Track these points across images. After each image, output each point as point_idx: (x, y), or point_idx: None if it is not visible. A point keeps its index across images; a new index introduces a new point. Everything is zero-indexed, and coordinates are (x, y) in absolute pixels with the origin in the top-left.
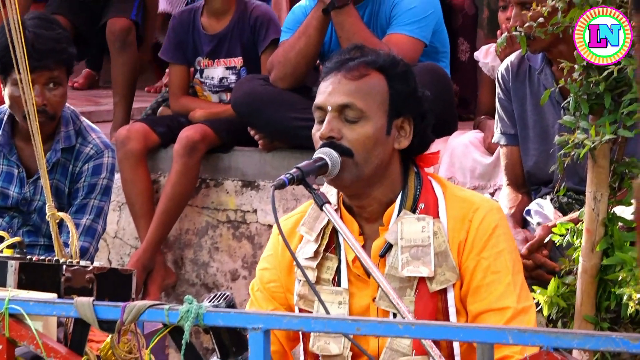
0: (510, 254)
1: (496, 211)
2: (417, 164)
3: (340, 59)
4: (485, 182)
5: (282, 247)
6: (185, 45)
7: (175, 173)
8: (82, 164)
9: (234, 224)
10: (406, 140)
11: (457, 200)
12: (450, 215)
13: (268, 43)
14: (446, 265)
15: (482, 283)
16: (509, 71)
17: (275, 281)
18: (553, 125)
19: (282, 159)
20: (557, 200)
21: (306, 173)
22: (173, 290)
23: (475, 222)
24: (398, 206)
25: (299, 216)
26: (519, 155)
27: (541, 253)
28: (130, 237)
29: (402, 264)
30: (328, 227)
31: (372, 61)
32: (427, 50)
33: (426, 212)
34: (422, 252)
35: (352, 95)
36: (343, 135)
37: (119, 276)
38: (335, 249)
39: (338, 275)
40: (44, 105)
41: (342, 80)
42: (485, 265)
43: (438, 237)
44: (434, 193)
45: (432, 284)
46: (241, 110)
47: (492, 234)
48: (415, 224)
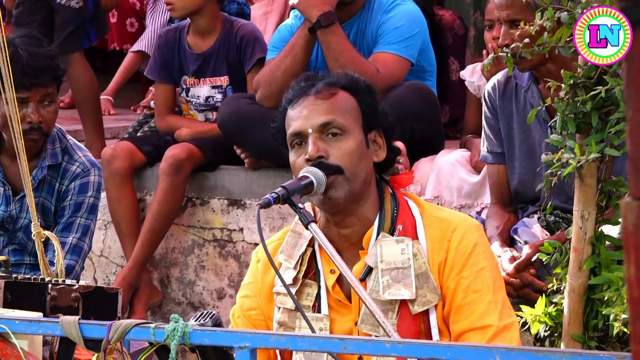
0: (491, 272)
1: (475, 229)
2: (391, 184)
3: (302, 85)
4: (472, 201)
5: (261, 274)
6: (171, 64)
7: (161, 192)
8: (69, 182)
9: (220, 243)
10: (383, 152)
11: (435, 220)
12: (429, 236)
13: (254, 62)
14: (427, 286)
15: (464, 302)
16: (495, 89)
17: (256, 309)
18: (540, 143)
19: (268, 178)
20: (544, 218)
21: (292, 192)
22: (159, 309)
23: (454, 242)
24: (376, 228)
25: (277, 243)
26: (505, 174)
27: (528, 272)
28: (116, 256)
29: (383, 287)
30: (306, 254)
31: (335, 81)
32: (413, 69)
33: (404, 233)
34: (403, 274)
35: (330, 113)
36: (329, 154)
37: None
38: (314, 275)
39: (318, 301)
40: (40, 122)
41: (316, 102)
42: (465, 285)
43: (418, 259)
44: (412, 214)
45: (414, 306)
46: (227, 129)
47: (472, 253)
48: (395, 246)
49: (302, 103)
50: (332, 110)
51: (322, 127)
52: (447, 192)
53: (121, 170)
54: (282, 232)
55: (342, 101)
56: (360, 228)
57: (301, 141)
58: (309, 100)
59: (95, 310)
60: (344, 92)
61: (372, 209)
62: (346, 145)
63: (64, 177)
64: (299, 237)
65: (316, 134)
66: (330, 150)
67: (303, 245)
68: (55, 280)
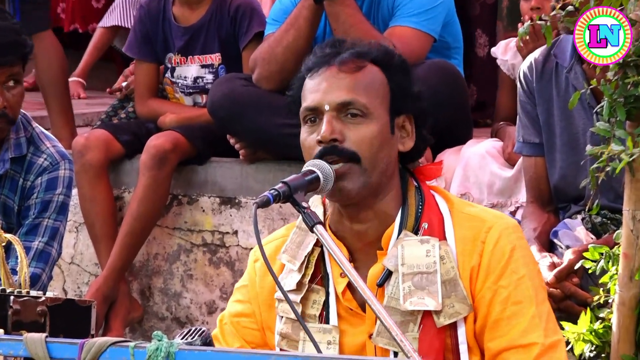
0: (533, 280)
1: (513, 230)
2: (416, 176)
3: (327, 52)
4: (505, 199)
5: (260, 277)
6: (154, 39)
7: (142, 188)
8: (35, 178)
9: (211, 248)
10: (410, 141)
11: (466, 218)
12: (459, 236)
13: (251, 37)
14: (455, 295)
15: (502, 316)
16: (532, 70)
17: (248, 316)
18: (584, 133)
19: (266, 172)
20: (589, 219)
21: (294, 189)
22: (139, 325)
23: (489, 244)
24: (398, 226)
25: (279, 241)
26: (544, 168)
27: (571, 281)
28: (89, 263)
29: (404, 294)
30: (313, 254)
31: (366, 52)
32: (436, 45)
33: (430, 233)
34: (427, 280)
35: (353, 91)
36: (345, 137)
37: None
38: (322, 280)
39: (326, 310)
40: (4, 107)
41: (338, 75)
42: (504, 295)
43: (445, 263)
44: (439, 210)
45: (440, 317)
46: (219, 115)
47: (511, 257)
48: (419, 247)
49: (322, 74)
50: (356, 87)
51: (341, 105)
52: (476, 189)
53: (95, 163)
54: (286, 228)
55: (369, 77)
56: (378, 225)
57: (315, 117)
58: (330, 72)
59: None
60: (373, 66)
61: (392, 203)
62: (367, 130)
63: (29, 172)
64: (306, 235)
65: (333, 113)
66: (347, 133)
67: (310, 244)
68: (18, 292)
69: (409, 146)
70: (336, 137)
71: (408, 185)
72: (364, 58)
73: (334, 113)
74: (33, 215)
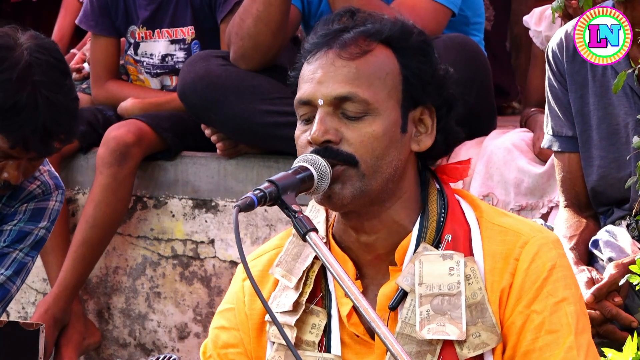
0: (574, 306)
1: (553, 245)
2: (438, 177)
3: (328, 30)
4: (536, 200)
5: (250, 298)
6: (115, 9)
7: (100, 189)
8: (20, 204)
9: (183, 260)
10: (428, 139)
11: (498, 230)
12: (489, 251)
13: (231, 7)
14: (482, 322)
15: (534, 347)
16: (562, 47)
17: (236, 346)
18: (626, 124)
19: (249, 169)
20: (635, 226)
21: (283, 189)
22: (96, 353)
23: (524, 262)
24: (415, 238)
25: (273, 253)
26: (579, 166)
27: (613, 301)
28: (35, 279)
29: (421, 319)
30: (313, 269)
31: (376, 31)
32: (454, 20)
33: (454, 247)
34: (450, 303)
35: (352, 83)
36: (342, 137)
37: (22, 333)
38: (322, 300)
39: (327, 336)
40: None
41: (337, 61)
42: (538, 322)
43: (472, 283)
44: (465, 220)
45: (463, 348)
46: (192, 101)
47: (548, 278)
48: (440, 264)
49: (320, 58)
50: (357, 77)
51: (337, 100)
52: (501, 189)
53: None
54: (280, 237)
55: (375, 64)
56: (388, 235)
57: (310, 112)
58: (328, 57)
59: (9, 353)
60: (383, 48)
61: (405, 211)
62: (369, 129)
63: (15, 198)
64: (304, 246)
65: (327, 108)
66: (345, 133)
67: (309, 256)
68: None
69: (425, 145)
70: (329, 139)
71: (429, 188)
72: (373, 39)
73: (329, 109)
74: (4, 243)
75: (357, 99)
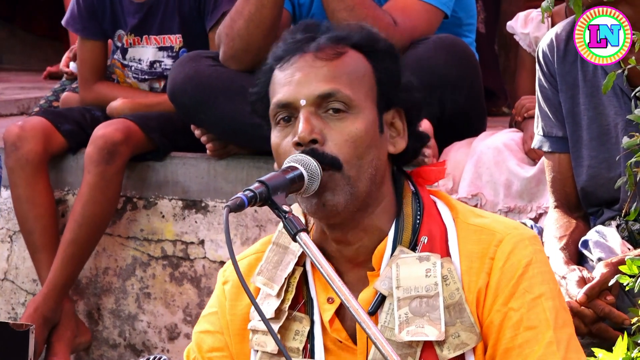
0: (552, 301)
1: (529, 242)
2: (413, 180)
3: (299, 37)
4: (525, 203)
5: (230, 302)
6: (101, 12)
7: (88, 188)
8: None
9: (172, 261)
10: (402, 141)
11: (473, 230)
12: (465, 251)
13: (219, 16)
14: (461, 322)
15: (513, 344)
16: (553, 48)
17: (221, 350)
18: (616, 124)
19: (239, 170)
20: (625, 227)
21: (273, 189)
22: (86, 353)
23: (499, 260)
24: (392, 242)
25: (253, 258)
26: (569, 166)
27: (604, 300)
28: (25, 279)
29: (400, 322)
30: (294, 276)
31: (345, 36)
32: (446, 21)
33: (431, 248)
34: (428, 305)
35: (334, 80)
36: (326, 138)
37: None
38: (305, 306)
39: (311, 342)
40: None
41: (316, 62)
42: (516, 319)
43: (449, 284)
44: (441, 221)
45: (444, 349)
46: (182, 101)
47: (524, 275)
48: (417, 266)
49: (295, 63)
50: (337, 76)
51: (321, 99)
52: (490, 190)
53: (33, 158)
54: (261, 243)
55: (351, 65)
56: (369, 242)
57: (289, 116)
58: (305, 60)
59: None
60: (355, 52)
61: (385, 216)
62: (351, 127)
63: None
64: (285, 252)
65: (311, 108)
66: (328, 134)
67: (290, 264)
68: None
69: (400, 147)
70: (316, 138)
71: (404, 191)
72: (344, 43)
73: (312, 108)
74: None
75: (339, 95)
